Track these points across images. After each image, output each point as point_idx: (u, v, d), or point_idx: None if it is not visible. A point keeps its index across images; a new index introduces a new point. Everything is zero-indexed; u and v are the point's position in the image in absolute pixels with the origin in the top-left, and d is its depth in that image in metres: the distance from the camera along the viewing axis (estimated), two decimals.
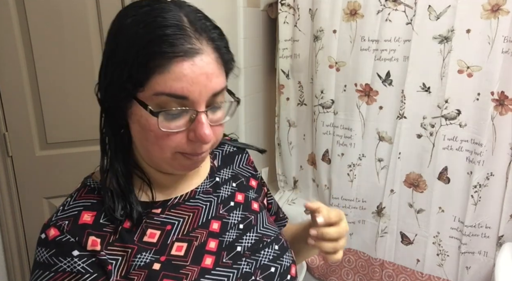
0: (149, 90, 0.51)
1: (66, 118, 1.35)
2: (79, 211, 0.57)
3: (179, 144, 0.54)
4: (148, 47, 0.49)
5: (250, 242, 0.66)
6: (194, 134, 0.53)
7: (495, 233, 1.39)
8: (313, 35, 1.65)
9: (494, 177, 1.36)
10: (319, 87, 1.66)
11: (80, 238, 0.55)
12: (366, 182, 1.63)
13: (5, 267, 1.34)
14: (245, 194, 0.73)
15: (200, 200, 0.66)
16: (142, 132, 0.55)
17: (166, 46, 0.49)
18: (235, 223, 0.67)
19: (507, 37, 1.26)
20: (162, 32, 0.49)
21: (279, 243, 0.70)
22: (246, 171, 0.78)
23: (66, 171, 1.36)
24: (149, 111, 0.51)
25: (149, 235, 0.59)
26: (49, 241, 0.55)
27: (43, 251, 0.55)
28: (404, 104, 1.48)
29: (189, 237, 0.62)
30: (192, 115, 0.53)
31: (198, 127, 0.53)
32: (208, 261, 0.61)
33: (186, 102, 0.51)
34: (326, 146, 1.71)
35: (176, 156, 0.56)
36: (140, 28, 0.50)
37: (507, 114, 1.31)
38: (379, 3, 1.45)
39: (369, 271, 1.70)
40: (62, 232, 0.55)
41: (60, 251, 0.54)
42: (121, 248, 0.57)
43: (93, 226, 0.56)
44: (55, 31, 1.28)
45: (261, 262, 0.65)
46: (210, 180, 0.70)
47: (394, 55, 1.47)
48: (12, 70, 1.26)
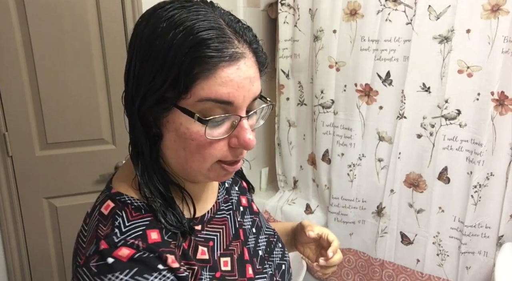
0: (193, 97, 0.48)
1: (66, 118, 1.35)
2: (143, 231, 0.51)
3: (221, 152, 0.52)
4: (192, 52, 0.47)
5: (264, 244, 0.68)
6: (238, 140, 0.52)
7: (495, 233, 1.39)
8: (313, 35, 1.65)
9: (494, 177, 1.36)
10: (319, 87, 1.66)
11: (160, 254, 0.49)
12: (366, 182, 1.63)
13: (5, 267, 1.34)
14: (246, 196, 0.74)
15: (224, 211, 0.65)
16: (179, 141, 0.52)
17: (211, 50, 0.47)
18: (250, 228, 0.68)
19: (507, 37, 1.26)
20: (206, 35, 0.47)
21: (280, 240, 0.73)
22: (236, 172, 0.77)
23: (66, 171, 1.36)
24: (197, 119, 0.48)
25: (200, 252, 0.57)
26: (125, 262, 0.47)
27: (118, 276, 0.46)
28: (404, 104, 1.48)
29: (229, 251, 0.61)
30: (234, 121, 0.51)
31: (242, 133, 0.51)
32: (250, 270, 0.62)
33: (230, 107, 0.50)
34: (326, 146, 1.71)
35: (214, 167, 0.54)
36: (181, 31, 0.47)
37: (507, 114, 1.31)
38: (379, 3, 1.45)
39: (369, 271, 1.70)
40: (138, 250, 0.48)
41: (144, 268, 0.47)
42: (187, 265, 0.54)
43: (163, 244, 0.51)
44: (55, 31, 1.28)
45: (276, 262, 0.67)
46: (223, 187, 0.69)
47: (394, 55, 1.47)
48: (12, 70, 1.26)
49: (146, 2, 1.39)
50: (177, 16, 0.48)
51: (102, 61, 1.36)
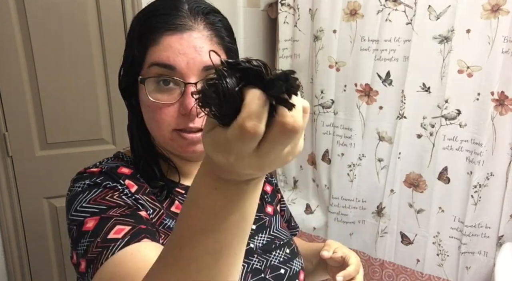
0: (146, 64, 0.56)
1: (66, 118, 1.35)
2: (117, 166, 0.61)
3: (172, 119, 0.56)
4: (144, 25, 0.57)
5: (262, 242, 0.68)
6: (182, 106, 0.55)
7: (495, 233, 1.39)
8: (313, 35, 1.65)
9: (494, 177, 1.36)
10: (319, 87, 1.66)
11: (120, 178, 0.58)
12: (366, 182, 1.63)
13: (5, 267, 1.34)
14: (261, 196, 0.74)
15: None
16: (144, 112, 0.59)
17: (158, 21, 0.55)
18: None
19: (507, 37, 1.26)
20: (157, 12, 0.56)
21: (291, 247, 0.70)
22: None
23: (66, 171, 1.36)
24: (140, 80, 0.56)
25: (176, 206, 0.62)
26: (94, 173, 0.58)
27: (87, 181, 0.57)
28: (404, 104, 1.48)
29: None
30: (182, 88, 0.55)
31: (185, 99, 0.55)
32: None
33: (174, 73, 0.55)
34: (326, 146, 1.71)
35: (173, 136, 0.58)
36: (141, 15, 0.59)
37: (507, 114, 1.31)
38: (379, 3, 1.45)
39: (369, 271, 1.70)
40: (105, 168, 0.59)
41: (108, 177, 0.58)
42: (154, 203, 0.59)
43: (130, 177, 0.60)
44: (55, 31, 1.28)
45: (271, 262, 0.66)
46: None
47: (394, 55, 1.47)
48: (12, 70, 1.26)
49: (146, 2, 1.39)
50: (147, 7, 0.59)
51: (102, 61, 1.36)
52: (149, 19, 0.56)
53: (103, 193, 0.55)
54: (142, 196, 0.58)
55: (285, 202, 0.86)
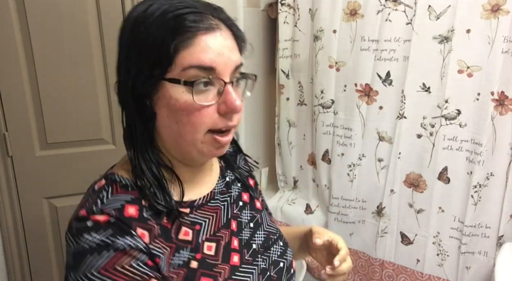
0: (177, 67, 0.53)
1: (66, 118, 1.35)
2: (122, 205, 0.54)
3: (211, 120, 0.55)
4: (171, 26, 0.52)
5: (260, 239, 0.70)
6: (225, 104, 0.55)
7: (495, 233, 1.39)
8: (313, 35, 1.65)
9: (494, 177, 1.36)
10: (319, 87, 1.66)
11: (131, 227, 0.53)
12: (366, 182, 1.63)
13: (5, 267, 1.34)
14: (249, 193, 0.76)
15: (219, 201, 0.68)
16: (171, 116, 0.55)
17: (188, 21, 0.52)
18: (247, 222, 0.70)
19: (507, 37, 1.26)
20: (182, 11, 0.53)
21: (282, 239, 0.74)
22: (244, 170, 0.81)
23: (66, 171, 1.36)
24: (183, 83, 0.53)
25: (183, 232, 0.59)
26: (102, 225, 0.52)
27: (94, 236, 0.51)
28: (404, 104, 1.48)
29: (216, 237, 0.64)
30: (220, 88, 0.55)
31: (228, 97, 0.55)
32: (235, 258, 0.64)
33: (213, 73, 0.54)
34: (326, 146, 1.71)
35: (207, 139, 0.56)
36: (160, 13, 0.53)
37: (507, 114, 1.31)
38: (379, 3, 1.45)
39: (369, 271, 1.70)
40: (112, 216, 0.52)
41: (118, 231, 0.52)
42: (163, 244, 0.56)
43: (138, 219, 0.55)
44: (55, 32, 1.28)
45: (272, 258, 0.68)
46: (222, 180, 0.71)
47: (394, 55, 1.47)
48: (12, 70, 1.26)
49: None
50: (155, 5, 0.54)
51: (102, 61, 1.36)
52: (175, 20, 0.52)
53: (113, 258, 0.50)
54: (154, 243, 0.55)
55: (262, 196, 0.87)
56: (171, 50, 0.52)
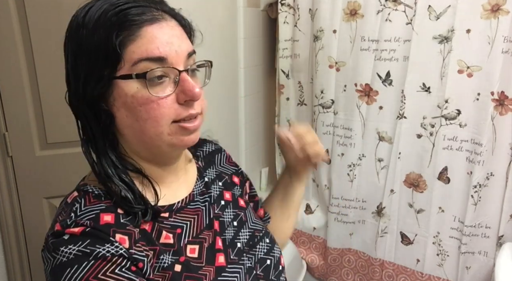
0: (127, 63, 0.51)
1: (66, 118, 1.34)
2: (97, 214, 0.52)
3: (172, 110, 0.54)
4: (115, 22, 0.51)
5: (245, 238, 0.68)
6: (183, 93, 0.54)
7: (495, 233, 1.39)
8: (313, 35, 1.65)
9: (494, 177, 1.36)
10: (319, 87, 1.66)
11: (109, 234, 0.51)
12: (366, 182, 1.63)
13: (5, 267, 1.34)
14: (232, 192, 0.74)
15: (199, 202, 0.66)
16: (130, 114, 0.54)
17: (131, 15, 0.51)
18: (230, 221, 0.69)
19: (507, 37, 1.26)
20: (123, 7, 0.51)
21: (269, 236, 0.73)
22: (227, 168, 0.79)
23: (66, 171, 1.36)
24: (135, 76, 0.51)
25: (164, 236, 0.58)
26: (78, 236, 0.49)
27: (71, 247, 0.48)
28: (404, 104, 1.48)
29: (198, 239, 0.62)
30: (175, 78, 0.54)
31: (185, 84, 0.53)
32: (221, 259, 0.62)
33: (165, 63, 0.52)
34: (326, 146, 1.71)
35: (173, 129, 0.55)
36: (101, 13, 0.51)
37: (507, 114, 1.31)
38: (379, 3, 1.45)
39: (369, 271, 1.70)
40: (88, 226, 0.50)
41: (96, 239, 0.50)
42: (145, 247, 0.54)
43: (116, 225, 0.53)
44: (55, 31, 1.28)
45: (258, 256, 0.67)
46: (201, 181, 0.70)
47: (394, 55, 1.47)
48: (12, 70, 1.26)
49: None
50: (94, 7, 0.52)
51: None
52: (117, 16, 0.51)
53: (96, 267, 0.48)
54: (136, 247, 0.53)
55: (254, 190, 0.84)
56: (117, 46, 0.50)
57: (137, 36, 0.51)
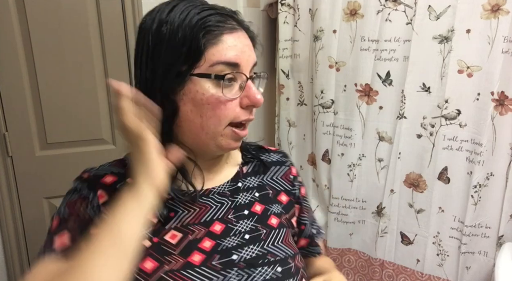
0: (206, 63, 0.57)
1: (66, 118, 1.35)
2: (104, 174, 0.64)
3: (234, 113, 0.59)
4: (198, 26, 0.57)
5: (250, 254, 0.63)
6: (248, 98, 0.60)
7: (495, 233, 1.39)
8: (313, 35, 1.65)
9: (494, 177, 1.36)
10: (319, 87, 1.66)
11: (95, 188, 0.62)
12: (366, 182, 1.63)
13: (5, 267, 1.34)
14: (266, 206, 0.70)
15: (212, 200, 0.66)
16: (195, 110, 0.58)
17: (213, 22, 0.57)
18: (241, 231, 0.65)
19: (507, 37, 1.26)
20: (206, 13, 0.58)
21: (285, 266, 0.64)
22: (278, 184, 0.76)
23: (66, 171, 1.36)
24: (214, 77, 0.57)
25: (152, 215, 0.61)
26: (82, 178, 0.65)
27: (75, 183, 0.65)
28: (404, 104, 1.48)
29: (186, 229, 0.62)
30: (242, 83, 0.60)
31: (251, 91, 0.60)
32: (196, 257, 0.60)
33: (237, 69, 0.59)
34: (326, 146, 1.71)
35: (226, 132, 0.60)
36: (186, 14, 0.57)
37: (507, 114, 1.31)
38: (379, 3, 1.45)
39: (369, 271, 1.70)
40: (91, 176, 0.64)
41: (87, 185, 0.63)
42: None
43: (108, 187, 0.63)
44: (55, 31, 1.28)
45: (253, 278, 0.60)
46: (231, 184, 0.69)
47: (394, 55, 1.47)
48: (12, 70, 1.26)
49: (146, 2, 1.39)
50: (179, 7, 0.58)
51: (102, 61, 1.36)
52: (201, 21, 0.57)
53: (76, 200, 0.62)
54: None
55: (305, 217, 0.79)
56: (201, 47, 0.56)
57: (219, 41, 0.57)
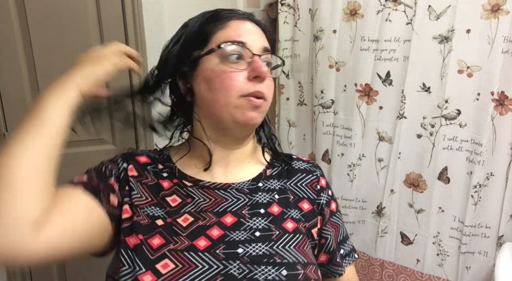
0: (214, 44, 0.66)
1: None
2: (140, 154, 0.73)
3: (242, 84, 0.64)
4: (209, 18, 0.68)
5: (256, 251, 0.62)
6: (254, 69, 0.64)
7: (495, 233, 1.39)
8: (313, 35, 1.65)
9: (494, 177, 1.36)
10: (319, 87, 1.66)
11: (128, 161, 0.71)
12: (366, 182, 1.63)
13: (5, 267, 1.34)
14: (284, 209, 0.69)
15: (230, 194, 0.69)
16: (207, 87, 0.65)
17: (224, 13, 0.68)
18: (252, 228, 0.65)
19: (507, 37, 1.26)
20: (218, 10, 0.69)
21: (291, 271, 0.62)
22: (302, 191, 0.76)
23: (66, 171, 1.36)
24: (217, 47, 0.64)
25: (172, 199, 0.67)
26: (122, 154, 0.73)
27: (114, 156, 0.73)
28: (404, 104, 1.48)
29: (198, 215, 0.65)
30: (249, 59, 0.65)
31: (257, 64, 0.64)
32: (202, 243, 0.62)
33: (244, 46, 0.65)
34: (326, 146, 1.71)
35: (240, 102, 0.64)
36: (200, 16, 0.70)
37: (507, 114, 1.31)
38: (379, 3, 1.45)
39: (369, 271, 1.70)
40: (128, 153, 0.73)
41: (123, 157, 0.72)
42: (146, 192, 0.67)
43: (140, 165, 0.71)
44: (55, 31, 1.28)
45: (254, 275, 0.60)
46: (252, 183, 0.71)
47: (394, 55, 1.47)
48: (12, 70, 1.26)
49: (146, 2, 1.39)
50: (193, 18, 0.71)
51: None
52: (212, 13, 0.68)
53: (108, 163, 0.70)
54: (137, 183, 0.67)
55: (329, 232, 0.75)
56: (209, 32, 0.66)
57: (226, 25, 0.66)
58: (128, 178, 0.67)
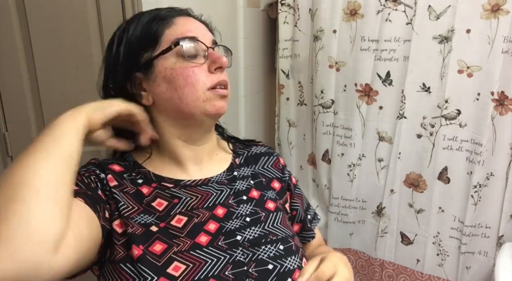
0: (166, 43, 0.65)
1: None
2: (112, 162, 0.70)
3: (205, 77, 0.65)
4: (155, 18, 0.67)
5: (252, 235, 0.67)
6: (213, 61, 0.66)
7: (495, 233, 1.39)
8: (313, 35, 1.65)
9: (494, 177, 1.36)
10: (319, 87, 1.66)
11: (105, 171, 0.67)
12: (366, 182, 1.63)
13: None
14: (262, 192, 0.75)
15: (212, 188, 0.71)
16: (169, 86, 0.65)
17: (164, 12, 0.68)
18: (242, 214, 0.69)
19: (507, 37, 1.26)
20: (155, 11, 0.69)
21: (286, 244, 0.68)
22: (269, 172, 0.81)
23: None
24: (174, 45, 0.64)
25: (157, 203, 0.66)
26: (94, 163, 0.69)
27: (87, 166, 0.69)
28: (404, 104, 1.48)
29: (191, 213, 0.66)
30: (205, 53, 0.66)
31: (214, 55, 0.67)
32: (203, 239, 0.64)
33: (198, 40, 0.66)
34: (326, 146, 1.71)
35: (207, 95, 0.66)
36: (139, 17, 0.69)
37: (507, 114, 1.31)
38: (379, 3, 1.45)
39: (369, 271, 1.70)
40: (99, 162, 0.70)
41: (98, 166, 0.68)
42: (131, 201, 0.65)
43: (116, 173, 0.68)
44: (55, 31, 1.28)
45: (258, 256, 0.64)
46: (227, 173, 0.74)
47: (394, 55, 1.47)
48: (12, 70, 1.26)
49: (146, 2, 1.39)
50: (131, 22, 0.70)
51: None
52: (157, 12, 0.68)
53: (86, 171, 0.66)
54: (120, 193, 0.65)
55: (297, 203, 0.83)
56: (156, 32, 0.65)
57: (172, 23, 0.66)
58: (111, 189, 0.65)
